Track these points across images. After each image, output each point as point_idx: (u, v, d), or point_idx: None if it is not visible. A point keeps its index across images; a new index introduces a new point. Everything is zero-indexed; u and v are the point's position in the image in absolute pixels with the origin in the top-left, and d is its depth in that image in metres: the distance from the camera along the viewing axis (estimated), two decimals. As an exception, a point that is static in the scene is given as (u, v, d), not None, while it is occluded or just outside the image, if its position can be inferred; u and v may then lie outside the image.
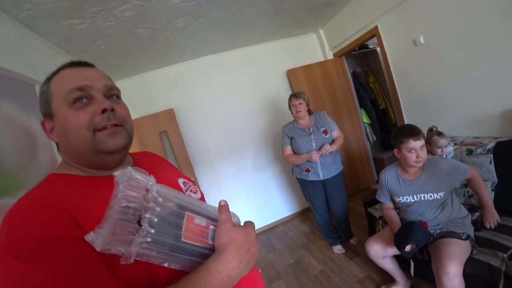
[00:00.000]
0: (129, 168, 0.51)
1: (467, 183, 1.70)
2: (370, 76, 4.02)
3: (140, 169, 0.53)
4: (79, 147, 0.57)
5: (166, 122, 3.18)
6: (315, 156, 2.21)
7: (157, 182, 0.54)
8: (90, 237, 0.44)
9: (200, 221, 0.56)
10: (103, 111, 0.56)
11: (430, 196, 1.57)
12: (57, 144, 0.61)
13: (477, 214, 1.69)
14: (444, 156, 1.86)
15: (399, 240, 1.54)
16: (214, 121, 3.44)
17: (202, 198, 0.77)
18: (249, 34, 3.13)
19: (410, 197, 1.64)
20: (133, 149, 0.68)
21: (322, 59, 3.76)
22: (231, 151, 3.50)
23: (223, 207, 0.59)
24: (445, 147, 1.85)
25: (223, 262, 0.51)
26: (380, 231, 2.01)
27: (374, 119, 3.80)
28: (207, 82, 3.42)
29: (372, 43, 4.00)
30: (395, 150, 1.66)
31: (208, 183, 3.44)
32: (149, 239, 0.47)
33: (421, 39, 2.41)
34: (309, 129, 2.33)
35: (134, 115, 3.18)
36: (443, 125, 2.33)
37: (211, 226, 0.57)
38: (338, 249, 2.54)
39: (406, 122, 2.85)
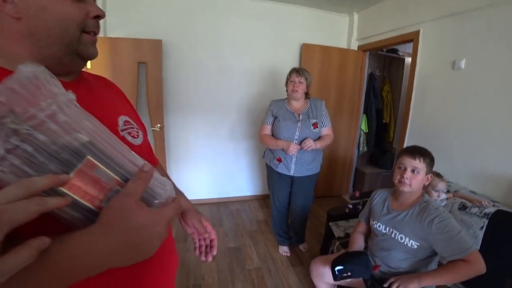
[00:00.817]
0: (44, 69, 0.37)
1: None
2: (386, 85, 3.66)
3: (47, 73, 0.37)
4: (56, 38, 0.49)
5: (150, 53, 2.70)
6: (293, 149, 1.90)
7: (90, 111, 0.43)
8: None
9: (103, 174, 0.39)
10: (96, 17, 0.54)
11: (401, 238, 1.31)
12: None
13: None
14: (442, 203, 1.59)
15: (338, 258, 1.35)
16: (205, 71, 3.01)
17: (145, 149, 0.66)
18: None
19: (383, 226, 1.39)
20: (102, 72, 0.37)
21: (345, 47, 3.33)
22: (211, 110, 3.12)
23: (142, 173, 0.42)
24: (442, 192, 1.59)
25: (89, 244, 0.36)
26: (333, 253, 1.79)
27: (373, 130, 3.50)
28: (214, 25, 2.94)
29: (402, 51, 3.60)
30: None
31: (176, 135, 3.09)
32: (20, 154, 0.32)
33: (462, 64, 2.06)
34: (299, 116, 2.00)
35: (115, 33, 2.70)
36: (442, 166, 2.06)
37: (117, 187, 0.40)
38: (284, 250, 2.34)
39: (406, 143, 2.58)
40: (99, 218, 0.38)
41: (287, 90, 2.06)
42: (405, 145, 2.57)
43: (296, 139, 1.96)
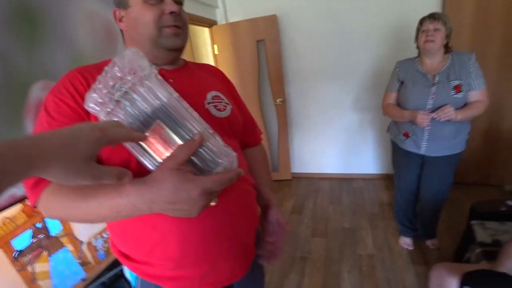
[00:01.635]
0: (138, 50, 0.50)
1: None
2: None
3: (140, 54, 0.50)
4: (144, 38, 0.65)
5: (266, 30, 2.77)
6: (423, 119, 1.52)
7: (180, 90, 0.54)
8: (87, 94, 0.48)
9: (169, 137, 0.47)
10: (171, 12, 0.64)
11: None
12: (122, 32, 0.71)
13: None
14: None
15: (473, 274, 1.08)
16: (322, 37, 2.78)
17: (233, 120, 0.73)
18: None
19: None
20: (227, 55, 0.99)
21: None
22: (332, 78, 2.90)
23: (190, 142, 0.47)
24: None
25: (137, 195, 0.47)
26: (468, 263, 1.39)
27: None
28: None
29: None
30: None
31: (297, 107, 3.11)
32: (114, 111, 0.47)
33: None
34: (434, 77, 1.56)
35: (234, 17, 2.92)
36: None
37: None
38: (405, 242, 2.02)
39: None
40: (151, 173, 0.48)
41: (418, 45, 1.63)
42: None
43: (430, 108, 1.56)
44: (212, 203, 0.50)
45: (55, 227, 1.16)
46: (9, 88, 1.07)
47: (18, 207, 1.04)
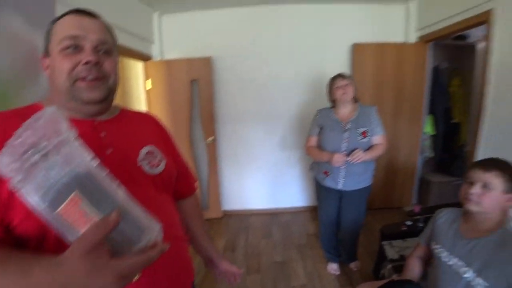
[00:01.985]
0: (55, 109, 0.45)
1: None
2: (456, 79, 3.14)
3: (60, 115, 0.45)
4: (60, 89, 0.62)
5: (200, 70, 2.88)
6: (338, 159, 1.76)
7: (113, 144, 0.61)
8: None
9: (88, 209, 0.42)
10: (86, 62, 0.60)
11: (466, 272, 1.05)
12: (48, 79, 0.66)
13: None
14: None
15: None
16: (253, 82, 3.05)
17: (166, 176, 0.72)
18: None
19: (447, 253, 1.15)
20: (160, 91, 0.94)
21: (402, 40, 2.98)
22: (261, 120, 3.12)
23: (104, 222, 0.41)
24: None
25: (47, 278, 0.42)
26: (383, 278, 1.58)
27: (440, 132, 3.05)
28: (260, 35, 2.98)
29: (474, 36, 3.05)
30: None
31: (227, 145, 3.20)
32: (28, 180, 0.41)
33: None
34: (346, 125, 1.85)
35: (170, 55, 2.98)
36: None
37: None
38: (332, 268, 2.17)
39: (479, 152, 2.16)
40: (63, 254, 0.42)
41: (330, 99, 1.95)
42: (478, 149, 2.15)
43: (344, 150, 1.81)
44: (134, 279, 0.45)
45: None
46: None
47: None
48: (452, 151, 3.17)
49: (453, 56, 3.22)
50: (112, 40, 0.68)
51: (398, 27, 2.99)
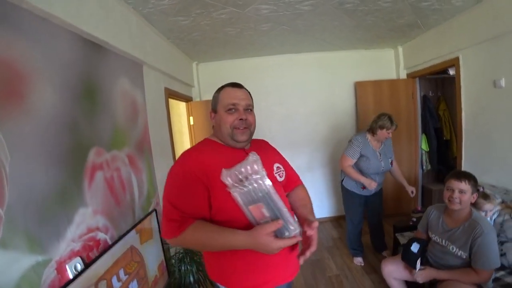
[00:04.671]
0: (258, 157, 0.85)
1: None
2: (442, 103, 3.85)
3: (259, 161, 0.85)
4: (224, 132, 1.03)
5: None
6: (372, 186, 2.41)
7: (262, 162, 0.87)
8: (223, 172, 0.86)
9: (265, 211, 0.86)
10: (241, 119, 1.02)
11: (453, 249, 1.64)
12: (213, 125, 1.12)
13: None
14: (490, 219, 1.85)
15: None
16: (276, 116, 3.76)
17: (287, 181, 1.18)
18: (327, 42, 3.28)
19: (440, 239, 1.74)
20: (201, 126, 1.73)
21: (394, 77, 3.73)
22: (285, 147, 3.75)
23: (275, 222, 0.84)
24: (490, 211, 1.85)
25: (245, 240, 0.86)
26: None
27: (434, 148, 3.68)
28: (277, 78, 3.72)
29: (453, 69, 3.79)
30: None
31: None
32: (239, 190, 0.85)
33: (502, 82, 2.32)
34: (379, 154, 2.48)
35: (207, 96, 3.67)
36: (501, 175, 2.29)
37: (268, 219, 0.87)
38: (358, 261, 2.71)
39: (463, 162, 2.78)
40: (252, 230, 0.86)
41: (375, 132, 2.44)
42: (463, 159, 2.78)
43: (382, 170, 2.49)
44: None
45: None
46: (75, 150, 1.31)
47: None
48: (447, 163, 3.79)
49: (438, 86, 3.95)
50: (252, 102, 1.11)
51: (391, 66, 3.76)
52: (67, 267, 1.15)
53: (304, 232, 0.94)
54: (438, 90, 3.97)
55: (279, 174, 1.14)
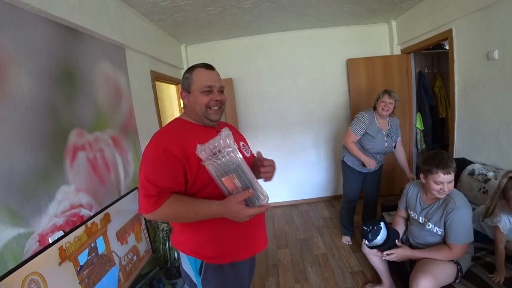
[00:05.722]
0: (230, 132, 0.92)
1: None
2: (438, 80, 3.72)
3: (231, 136, 0.92)
4: (198, 112, 1.08)
5: (224, 90, 3.54)
6: (372, 165, 2.39)
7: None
8: (198, 147, 0.92)
9: (237, 182, 0.92)
10: (216, 100, 1.08)
11: (429, 225, 1.63)
12: (184, 104, 1.15)
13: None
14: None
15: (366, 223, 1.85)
16: (268, 96, 3.70)
17: (251, 157, 1.25)
18: (315, 18, 3.17)
19: (418, 216, 1.73)
20: None
21: (388, 53, 3.60)
22: (276, 127, 3.75)
23: (246, 191, 0.92)
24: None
25: (219, 209, 0.94)
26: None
27: (429, 127, 3.60)
28: (268, 58, 3.64)
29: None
30: (421, 175, 1.64)
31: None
32: (213, 163, 0.90)
33: (495, 54, 2.21)
34: (385, 134, 2.43)
35: None
36: (492, 152, 2.23)
37: (240, 190, 0.94)
38: (346, 239, 2.73)
39: (456, 137, 2.72)
40: (225, 199, 0.93)
41: (375, 107, 2.43)
42: (455, 135, 2.71)
43: (385, 150, 2.44)
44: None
45: (101, 247, 1.51)
46: (55, 132, 1.36)
47: (83, 228, 1.39)
48: (442, 142, 3.71)
49: (434, 62, 3.81)
50: (223, 83, 1.16)
51: (384, 42, 3.63)
52: (49, 239, 1.24)
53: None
54: (434, 66, 3.83)
55: (245, 150, 1.22)
